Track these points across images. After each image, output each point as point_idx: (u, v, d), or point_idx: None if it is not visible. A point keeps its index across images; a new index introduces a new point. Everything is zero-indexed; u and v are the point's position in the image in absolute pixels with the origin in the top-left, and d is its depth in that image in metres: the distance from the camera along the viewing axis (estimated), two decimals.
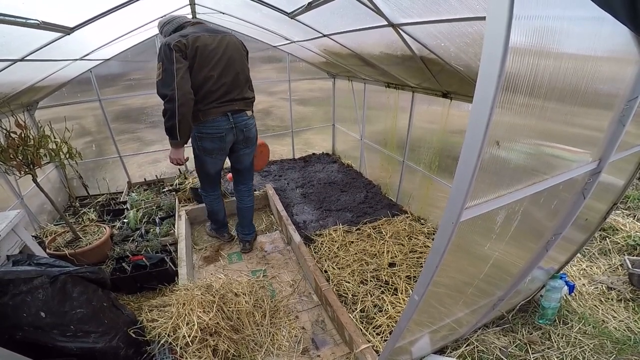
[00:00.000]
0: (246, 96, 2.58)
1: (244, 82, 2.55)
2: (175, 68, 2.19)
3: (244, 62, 2.55)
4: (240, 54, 2.51)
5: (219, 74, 2.39)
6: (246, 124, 2.62)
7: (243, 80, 2.55)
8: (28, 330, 1.59)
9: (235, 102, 2.51)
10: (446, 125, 2.82)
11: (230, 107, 2.48)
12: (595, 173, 1.49)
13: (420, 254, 2.80)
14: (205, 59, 2.32)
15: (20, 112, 3.12)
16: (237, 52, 2.48)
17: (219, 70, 2.38)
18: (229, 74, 2.44)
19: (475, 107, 0.83)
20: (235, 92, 2.49)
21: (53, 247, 2.67)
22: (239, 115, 2.55)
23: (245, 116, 2.60)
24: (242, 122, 2.58)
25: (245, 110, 2.60)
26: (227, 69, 2.42)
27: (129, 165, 4.35)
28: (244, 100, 2.56)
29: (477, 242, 1.30)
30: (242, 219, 3.18)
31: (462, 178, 0.92)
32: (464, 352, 2.05)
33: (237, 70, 2.48)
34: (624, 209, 3.54)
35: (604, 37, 1.09)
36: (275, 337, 2.24)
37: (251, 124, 2.68)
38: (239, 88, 2.51)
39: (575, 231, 2.13)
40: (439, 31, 1.83)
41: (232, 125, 2.53)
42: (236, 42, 2.51)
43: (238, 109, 2.53)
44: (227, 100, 2.46)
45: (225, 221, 3.30)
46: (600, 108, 1.34)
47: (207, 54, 2.32)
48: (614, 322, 2.26)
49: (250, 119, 2.66)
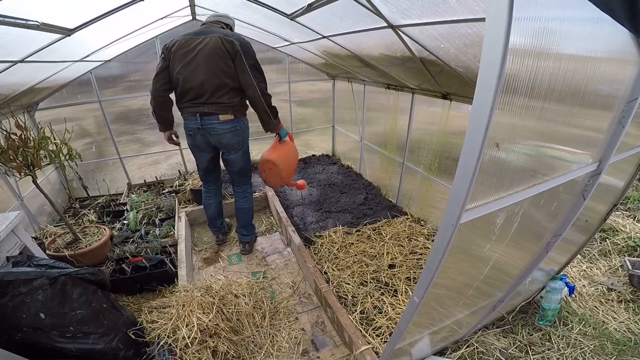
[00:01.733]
0: (219, 101, 2.46)
1: (215, 87, 2.43)
2: (156, 68, 2.51)
3: (218, 66, 2.39)
4: (213, 58, 2.37)
5: (185, 78, 2.44)
6: (214, 128, 2.54)
7: (214, 84, 2.42)
8: (27, 332, 1.59)
9: (206, 105, 2.48)
10: (446, 126, 2.82)
11: (199, 109, 2.49)
12: (595, 174, 1.49)
13: (420, 256, 2.80)
14: (175, 62, 2.45)
15: (21, 114, 3.12)
16: (209, 55, 2.37)
17: (185, 74, 2.43)
18: (195, 79, 2.42)
19: (475, 109, 0.83)
20: (204, 96, 2.45)
21: (53, 249, 2.67)
22: (208, 118, 2.51)
23: (215, 120, 2.51)
24: (210, 125, 2.53)
25: (217, 114, 2.50)
26: (193, 73, 2.41)
27: (129, 167, 4.35)
28: (215, 104, 2.47)
29: (477, 244, 1.30)
30: (238, 220, 3.19)
31: (462, 180, 0.92)
32: (464, 353, 2.05)
33: (206, 75, 2.40)
34: (624, 210, 3.53)
35: (604, 38, 1.09)
36: (275, 338, 2.23)
37: (222, 128, 2.55)
38: (208, 92, 2.44)
39: (575, 232, 2.13)
40: (439, 32, 1.83)
41: (199, 126, 2.54)
42: (214, 44, 2.37)
43: (208, 111, 2.49)
44: (197, 102, 2.49)
45: (215, 222, 3.26)
46: (600, 109, 1.34)
47: (177, 58, 2.43)
48: (614, 323, 2.26)
49: (222, 124, 2.53)
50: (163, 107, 2.61)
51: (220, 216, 3.27)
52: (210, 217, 3.24)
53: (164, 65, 2.48)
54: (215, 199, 3.15)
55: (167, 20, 3.31)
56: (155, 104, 2.58)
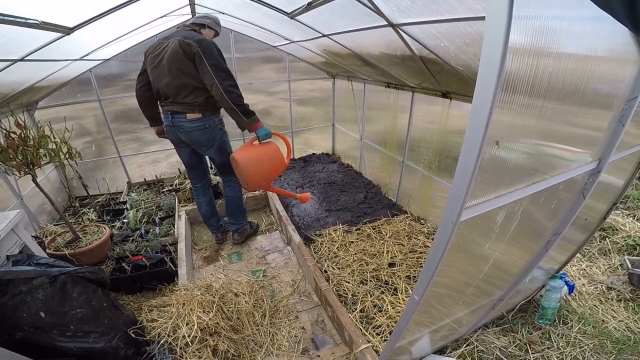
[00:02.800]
0: (184, 101, 2.56)
1: (177, 88, 2.53)
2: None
3: (178, 67, 2.46)
4: (173, 60, 2.45)
5: (154, 80, 2.64)
6: (183, 126, 2.65)
7: (176, 85, 2.52)
8: (28, 330, 1.59)
9: (175, 105, 2.61)
10: (446, 125, 2.82)
11: (170, 107, 2.64)
12: (595, 173, 1.49)
13: (420, 254, 2.80)
14: (148, 65, 2.65)
15: (20, 112, 3.12)
16: (169, 58, 2.46)
17: (154, 77, 2.63)
18: (161, 81, 2.58)
19: (474, 107, 0.83)
20: (170, 97, 2.60)
21: (53, 247, 2.67)
22: (177, 116, 2.64)
23: (183, 118, 2.62)
24: (180, 123, 2.66)
25: (185, 113, 2.60)
26: (159, 75, 2.58)
27: (129, 166, 4.35)
28: (181, 104, 2.58)
29: (476, 242, 1.30)
30: (226, 208, 3.26)
31: (462, 178, 0.92)
32: (463, 352, 2.05)
33: (169, 77, 2.51)
34: (624, 208, 3.54)
35: (604, 37, 1.09)
36: (275, 337, 2.24)
37: (190, 126, 2.63)
38: (173, 93, 2.56)
39: (575, 231, 2.13)
40: (439, 31, 1.83)
41: (171, 124, 2.70)
42: (174, 47, 2.44)
43: (177, 110, 2.62)
44: (168, 102, 2.65)
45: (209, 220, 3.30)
46: (599, 108, 1.34)
47: (149, 61, 2.63)
48: (613, 322, 2.26)
49: (190, 122, 2.62)
50: (145, 106, 2.90)
51: (214, 215, 3.28)
52: (204, 215, 3.27)
53: (143, 68, 2.74)
54: (205, 197, 3.18)
55: (167, 18, 3.30)
56: (139, 103, 2.89)
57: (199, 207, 3.24)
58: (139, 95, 2.84)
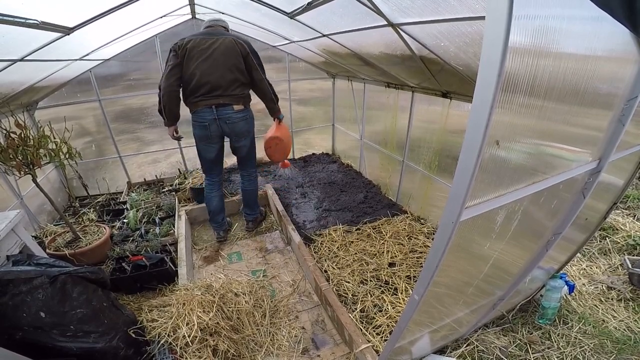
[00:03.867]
0: (233, 93, 2.76)
1: (229, 81, 2.73)
2: (168, 65, 2.68)
3: (232, 63, 2.71)
4: (229, 56, 2.69)
5: (202, 73, 2.67)
6: (230, 117, 2.81)
7: (229, 79, 2.72)
8: (28, 330, 1.59)
9: (221, 97, 2.74)
10: (446, 125, 2.82)
11: (215, 101, 2.74)
12: (595, 173, 1.49)
13: (420, 254, 2.80)
14: (192, 58, 2.67)
15: (20, 112, 3.12)
16: (225, 54, 2.68)
17: (202, 69, 2.67)
18: (213, 74, 2.68)
19: (474, 107, 0.83)
20: (219, 89, 2.72)
21: (53, 247, 2.67)
22: (223, 108, 2.77)
23: (230, 110, 2.79)
24: (226, 115, 2.80)
25: (232, 105, 2.78)
26: (210, 68, 2.67)
27: (129, 166, 4.35)
28: (230, 96, 2.75)
29: (477, 242, 1.30)
30: (244, 200, 3.48)
31: (462, 178, 0.92)
32: (464, 352, 2.05)
33: (222, 70, 2.69)
34: (624, 208, 3.54)
35: (604, 37, 1.09)
36: (275, 337, 2.24)
37: (236, 117, 2.84)
38: (222, 86, 2.71)
39: (575, 231, 2.13)
40: (439, 31, 1.83)
41: (215, 117, 2.78)
42: (229, 44, 2.69)
43: (223, 102, 2.75)
44: (212, 95, 2.73)
45: (217, 216, 3.32)
46: (599, 107, 1.34)
47: (194, 54, 2.66)
48: (614, 321, 2.26)
49: (236, 113, 2.82)
50: (174, 102, 2.78)
51: (222, 211, 3.33)
52: (214, 210, 3.29)
53: (177, 62, 2.66)
54: (218, 192, 3.26)
55: (167, 18, 3.30)
56: (167, 99, 2.72)
57: (211, 202, 3.26)
58: (172, 90, 2.70)
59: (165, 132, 4.30)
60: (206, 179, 3.23)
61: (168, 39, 3.79)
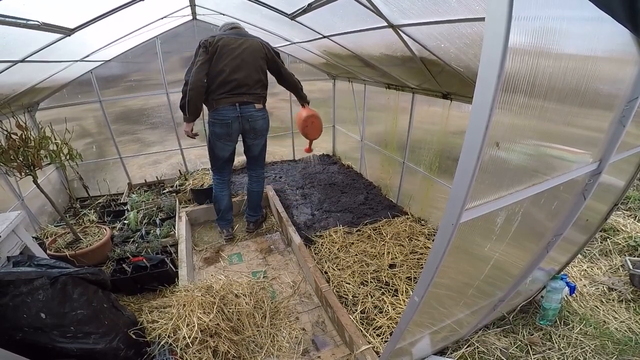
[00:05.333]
0: (255, 92, 2.89)
1: (255, 81, 2.86)
2: (197, 60, 2.72)
3: (259, 64, 2.87)
4: (256, 58, 2.85)
5: (231, 70, 2.76)
6: (252, 115, 2.91)
7: (255, 79, 2.86)
8: (28, 331, 1.59)
9: (244, 95, 2.83)
10: (446, 126, 2.81)
11: (239, 98, 2.82)
12: (596, 174, 1.49)
13: (421, 255, 2.80)
14: (222, 55, 2.74)
15: (21, 114, 3.13)
16: (253, 55, 2.84)
17: (232, 67, 2.76)
18: (241, 72, 2.79)
19: (475, 108, 0.83)
20: (245, 87, 2.82)
21: (53, 248, 2.68)
22: (246, 106, 2.86)
23: (252, 108, 2.90)
24: (249, 113, 2.89)
25: (254, 103, 2.89)
26: (239, 67, 2.78)
27: (130, 167, 4.35)
28: (253, 94, 2.87)
29: (477, 243, 1.30)
30: (249, 202, 3.51)
31: (462, 179, 0.92)
32: (464, 353, 2.05)
33: (249, 70, 2.81)
34: (625, 209, 3.53)
35: (604, 38, 1.09)
36: (276, 338, 2.24)
37: (258, 115, 2.95)
38: (248, 85, 2.83)
39: (576, 232, 2.13)
40: (439, 32, 1.83)
41: (239, 114, 2.86)
42: (257, 46, 2.85)
43: (246, 101, 2.85)
44: (237, 92, 2.81)
45: (227, 214, 3.37)
46: (600, 108, 1.34)
47: (225, 52, 2.75)
48: (615, 323, 2.25)
49: (257, 111, 2.93)
50: (200, 97, 2.81)
51: (231, 209, 3.41)
52: (225, 208, 3.34)
53: (206, 58, 2.73)
54: (228, 190, 3.34)
55: (168, 20, 3.31)
56: (194, 93, 2.73)
57: (222, 200, 3.31)
58: (200, 84, 2.71)
59: (165, 133, 4.36)
60: (217, 177, 3.26)
61: (168, 40, 3.80)
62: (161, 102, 4.14)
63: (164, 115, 4.22)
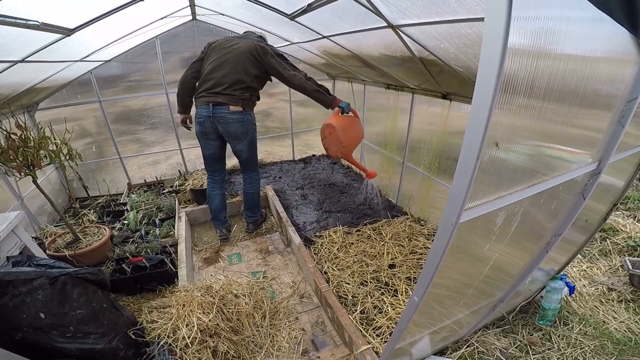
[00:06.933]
0: (232, 93, 2.76)
1: (234, 81, 2.75)
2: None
3: (242, 64, 2.76)
4: (242, 58, 2.76)
5: (212, 69, 2.77)
6: (224, 117, 2.80)
7: (234, 79, 2.75)
8: (27, 331, 1.59)
9: (219, 96, 2.76)
10: (446, 126, 2.81)
11: (213, 98, 2.77)
12: (595, 174, 1.49)
13: (421, 255, 2.80)
14: (210, 54, 2.82)
15: (21, 114, 3.12)
16: (239, 55, 2.75)
17: (213, 66, 2.76)
18: (220, 71, 2.75)
19: (474, 108, 0.83)
20: (220, 87, 2.75)
21: (53, 248, 2.67)
22: (219, 107, 2.78)
23: (226, 110, 2.78)
24: (220, 114, 2.79)
25: (228, 105, 2.77)
26: (220, 66, 2.75)
27: (129, 167, 4.35)
28: (228, 95, 2.76)
29: (476, 244, 1.30)
30: (244, 202, 3.49)
31: (462, 179, 0.92)
32: (464, 353, 2.05)
33: (228, 69, 2.75)
34: (624, 210, 3.53)
35: (603, 38, 1.09)
36: (275, 338, 2.23)
37: (231, 118, 2.81)
38: (225, 84, 2.74)
39: (576, 232, 2.13)
40: (439, 32, 1.83)
41: (210, 114, 2.80)
42: (247, 47, 2.77)
43: (220, 101, 2.76)
44: (212, 92, 2.77)
45: (219, 214, 3.35)
46: (599, 109, 1.34)
47: (214, 51, 2.80)
48: (614, 323, 2.26)
49: (231, 114, 2.80)
50: (187, 92, 2.97)
51: (223, 209, 3.36)
52: (215, 208, 3.31)
53: (199, 58, 2.88)
54: (220, 190, 3.29)
55: (168, 20, 3.31)
56: (180, 87, 2.95)
57: (212, 200, 3.29)
58: (185, 80, 2.91)
59: (165, 133, 4.36)
60: (208, 176, 3.26)
61: (168, 40, 3.80)
62: (161, 102, 4.14)
63: (164, 116, 4.22)
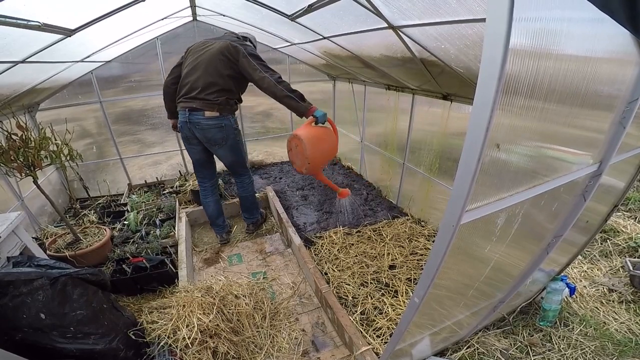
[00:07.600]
0: (207, 98, 2.64)
1: (207, 84, 2.63)
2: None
3: (215, 66, 2.63)
4: (214, 59, 2.62)
5: (187, 73, 2.71)
6: (199, 123, 2.71)
7: (207, 82, 2.63)
8: (28, 332, 1.59)
9: (195, 101, 2.66)
10: (446, 127, 2.81)
11: (188, 104, 2.69)
12: (596, 175, 1.49)
13: (421, 257, 2.79)
14: (187, 58, 2.77)
15: (22, 114, 3.13)
16: (212, 56, 2.63)
17: (188, 69, 2.71)
18: (193, 75, 2.67)
19: (475, 109, 0.83)
20: (195, 91, 2.65)
21: (53, 249, 2.67)
22: (194, 113, 2.69)
23: (201, 115, 2.68)
24: (196, 120, 2.70)
25: (203, 110, 2.67)
26: (193, 69, 2.68)
27: (130, 167, 4.36)
28: (203, 100, 2.65)
29: (477, 245, 1.29)
30: (241, 205, 3.48)
31: (463, 181, 0.92)
32: (464, 354, 2.04)
33: (201, 72, 2.64)
34: (625, 211, 3.53)
35: (604, 39, 1.09)
36: (275, 339, 2.23)
37: (207, 124, 2.70)
38: (198, 88, 2.64)
39: (576, 233, 2.13)
40: (439, 33, 1.83)
41: (187, 120, 2.73)
42: (219, 47, 2.63)
43: (196, 107, 2.67)
44: (188, 97, 2.69)
45: (216, 220, 3.33)
46: (600, 110, 1.34)
47: (189, 55, 2.76)
48: (615, 324, 2.25)
49: (207, 119, 2.69)
50: (169, 98, 2.93)
51: (220, 214, 3.33)
52: (210, 215, 3.29)
53: (179, 62, 2.83)
54: (213, 196, 3.24)
55: (168, 20, 3.31)
56: (164, 94, 2.96)
57: (207, 207, 3.26)
58: (166, 86, 2.91)
59: (166, 134, 4.36)
60: (199, 184, 3.22)
61: (169, 41, 3.80)
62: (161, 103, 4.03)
63: (164, 116, 4.19)
